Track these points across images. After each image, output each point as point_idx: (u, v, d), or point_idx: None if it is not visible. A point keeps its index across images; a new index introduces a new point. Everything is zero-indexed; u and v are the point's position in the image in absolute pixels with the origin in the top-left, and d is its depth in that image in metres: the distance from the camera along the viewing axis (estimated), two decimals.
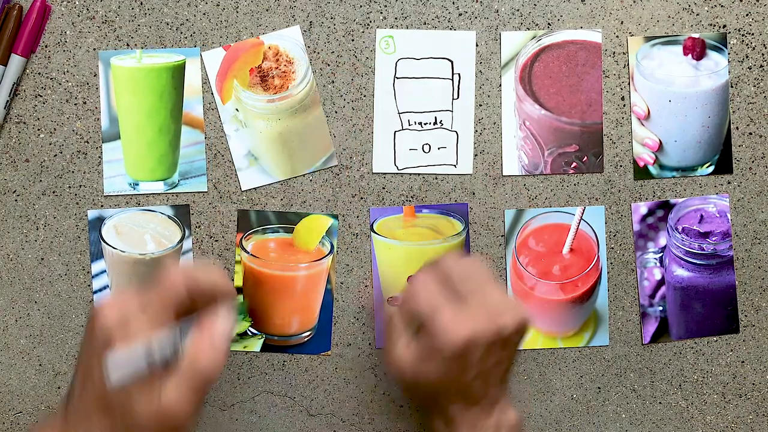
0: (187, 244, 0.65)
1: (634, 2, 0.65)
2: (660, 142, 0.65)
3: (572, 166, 0.65)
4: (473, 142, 0.65)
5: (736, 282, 0.67)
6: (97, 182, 0.65)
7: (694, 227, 0.66)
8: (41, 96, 0.64)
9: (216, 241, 0.65)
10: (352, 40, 0.64)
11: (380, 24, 0.64)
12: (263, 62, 0.64)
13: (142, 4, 0.64)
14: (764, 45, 0.65)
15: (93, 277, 0.65)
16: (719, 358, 0.68)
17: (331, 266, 0.66)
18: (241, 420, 0.67)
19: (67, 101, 0.64)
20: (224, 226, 0.65)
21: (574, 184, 0.66)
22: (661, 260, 0.66)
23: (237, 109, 0.64)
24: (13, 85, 0.63)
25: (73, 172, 0.65)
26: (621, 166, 0.66)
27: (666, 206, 0.66)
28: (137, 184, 0.65)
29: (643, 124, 0.65)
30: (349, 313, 0.66)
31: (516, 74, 0.65)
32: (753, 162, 0.66)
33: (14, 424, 0.66)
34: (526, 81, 0.65)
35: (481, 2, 0.64)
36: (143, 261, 0.65)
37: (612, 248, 0.66)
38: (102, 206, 0.65)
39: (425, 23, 0.64)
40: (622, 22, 0.65)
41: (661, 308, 0.67)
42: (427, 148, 0.65)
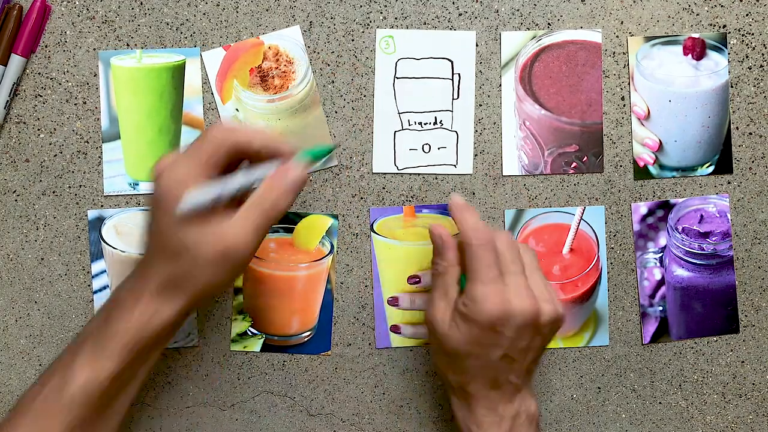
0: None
1: (634, 2, 0.65)
2: (660, 142, 0.65)
3: (572, 166, 0.65)
4: (473, 142, 0.65)
5: (736, 282, 0.67)
6: (97, 182, 0.65)
7: (694, 227, 0.66)
8: (41, 96, 0.64)
9: None
10: (352, 40, 0.64)
11: (380, 24, 0.64)
12: (263, 62, 0.64)
13: (142, 4, 0.64)
14: (764, 45, 0.65)
15: (93, 277, 0.65)
16: (719, 358, 0.68)
17: (331, 266, 0.66)
18: (241, 420, 0.67)
19: (67, 101, 0.64)
20: None
21: (574, 184, 0.66)
22: (661, 260, 0.66)
23: (237, 109, 0.64)
24: (13, 85, 0.63)
25: (73, 172, 0.65)
26: (621, 166, 0.66)
27: (666, 206, 0.66)
28: (137, 184, 0.65)
29: (643, 124, 0.65)
30: (349, 313, 0.66)
31: (516, 74, 0.65)
32: (753, 162, 0.66)
33: None
34: (526, 81, 0.65)
35: (481, 2, 0.64)
36: None
37: (612, 248, 0.66)
38: (102, 206, 0.65)
39: (425, 23, 0.64)
40: (622, 22, 0.65)
41: (661, 308, 0.67)
42: (427, 148, 0.65)
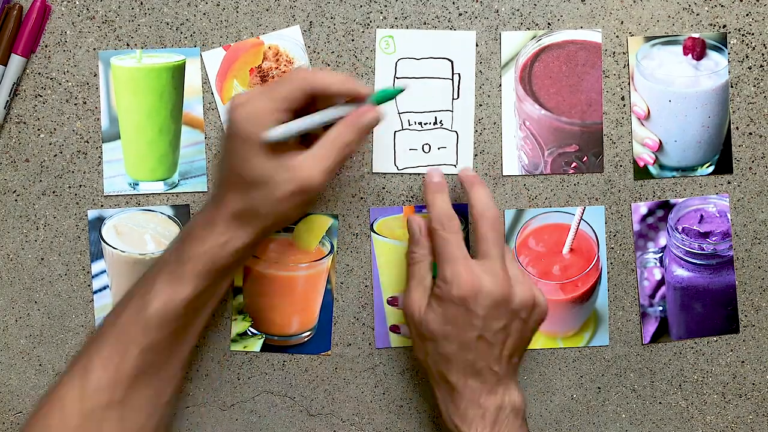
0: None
1: (634, 2, 0.65)
2: (660, 142, 0.65)
3: (572, 166, 0.65)
4: (473, 142, 0.65)
5: (736, 282, 0.67)
6: (97, 182, 0.65)
7: (694, 227, 0.66)
8: (41, 96, 0.64)
9: None
10: (352, 40, 0.64)
11: (380, 24, 0.64)
12: (263, 62, 0.64)
13: (142, 4, 0.64)
14: (764, 45, 0.65)
15: (93, 277, 0.65)
16: (719, 358, 0.68)
17: (331, 266, 0.66)
18: (241, 420, 0.67)
19: (67, 101, 0.64)
20: None
21: (574, 184, 0.66)
22: (661, 260, 0.66)
23: None
24: (13, 85, 0.63)
25: (73, 172, 0.65)
26: (621, 166, 0.66)
27: (666, 206, 0.66)
28: (137, 184, 0.65)
29: (643, 124, 0.65)
30: (349, 313, 0.66)
31: (516, 74, 0.65)
32: (753, 162, 0.66)
33: (14, 424, 0.66)
34: (526, 81, 0.65)
35: (481, 2, 0.64)
36: (143, 261, 0.65)
37: (612, 248, 0.66)
38: (102, 206, 0.65)
39: (425, 23, 0.64)
40: (622, 22, 0.65)
41: (661, 308, 0.67)
42: (427, 148, 0.65)
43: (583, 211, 0.66)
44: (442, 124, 0.65)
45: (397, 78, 0.64)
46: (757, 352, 0.68)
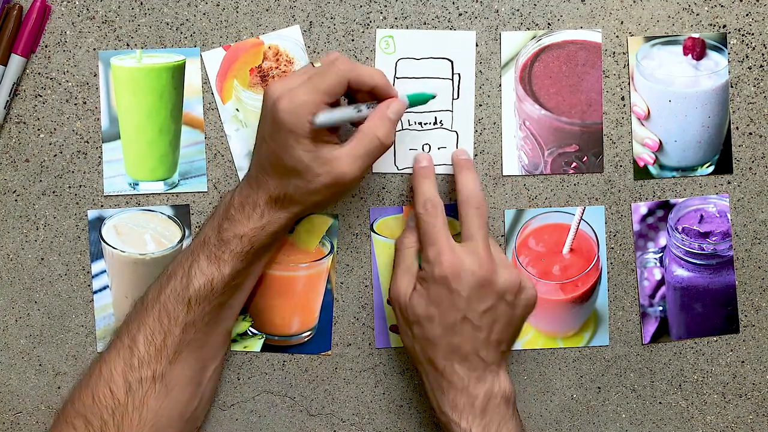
0: (187, 244, 0.65)
1: (634, 2, 0.65)
2: (660, 142, 0.65)
3: (572, 166, 0.65)
4: (473, 142, 0.65)
5: (736, 282, 0.67)
6: (97, 182, 0.65)
7: (694, 227, 0.66)
8: (41, 96, 0.64)
9: None
10: (352, 40, 0.64)
11: (380, 24, 0.64)
12: (263, 62, 0.64)
13: (142, 4, 0.64)
14: (764, 45, 0.65)
15: (93, 277, 0.65)
16: (719, 358, 0.68)
17: (331, 266, 0.66)
18: (241, 420, 0.67)
19: (67, 101, 0.64)
20: None
21: (574, 184, 0.66)
22: (661, 260, 0.66)
23: (237, 109, 0.64)
24: (13, 85, 0.63)
25: (73, 172, 0.65)
26: (621, 166, 0.66)
27: (666, 206, 0.66)
28: (137, 184, 0.65)
29: (643, 124, 0.65)
30: (349, 313, 0.66)
31: (516, 74, 0.65)
32: (753, 162, 0.66)
33: (14, 424, 0.66)
34: (526, 81, 0.65)
35: (481, 2, 0.64)
36: (143, 261, 0.65)
37: (612, 248, 0.66)
38: (102, 206, 0.65)
39: (425, 23, 0.64)
40: (622, 22, 0.65)
41: (661, 308, 0.67)
42: (427, 148, 0.65)
43: (583, 211, 0.66)
44: (442, 124, 0.65)
45: (397, 78, 0.64)
46: (757, 352, 0.68)
